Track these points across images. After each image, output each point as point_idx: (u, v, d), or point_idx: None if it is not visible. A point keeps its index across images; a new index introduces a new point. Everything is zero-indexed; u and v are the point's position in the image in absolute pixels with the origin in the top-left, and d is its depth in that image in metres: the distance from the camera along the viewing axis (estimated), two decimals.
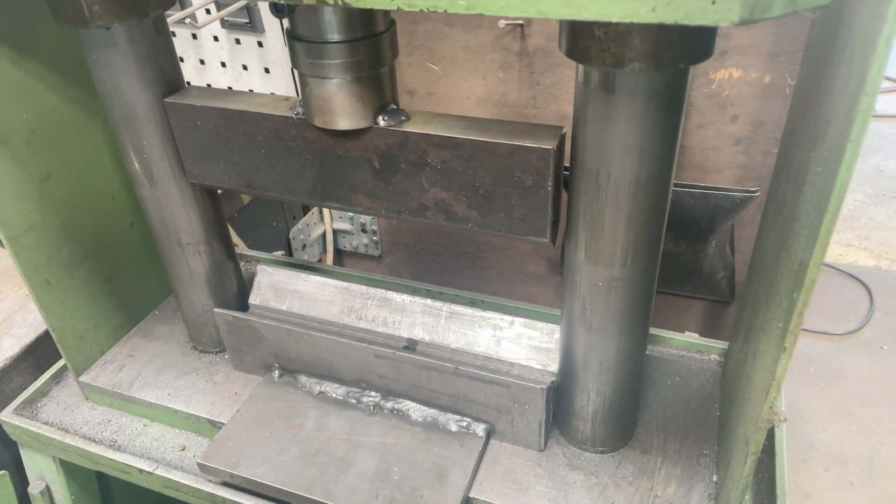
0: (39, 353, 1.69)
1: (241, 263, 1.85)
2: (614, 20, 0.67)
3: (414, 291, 1.58)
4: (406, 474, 1.24)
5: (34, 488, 1.56)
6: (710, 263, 1.88)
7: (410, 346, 1.41)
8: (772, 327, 0.89)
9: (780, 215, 1.00)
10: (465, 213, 1.15)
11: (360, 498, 1.20)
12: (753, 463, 0.92)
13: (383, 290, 1.45)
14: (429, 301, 1.41)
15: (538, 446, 1.29)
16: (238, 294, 1.57)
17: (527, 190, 1.07)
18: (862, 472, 2.53)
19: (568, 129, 1.05)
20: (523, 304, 1.61)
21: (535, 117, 1.91)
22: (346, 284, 1.47)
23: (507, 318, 1.35)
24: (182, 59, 2.15)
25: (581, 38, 0.86)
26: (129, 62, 1.20)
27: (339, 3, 0.78)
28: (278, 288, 1.51)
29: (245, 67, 2.10)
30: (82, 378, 1.52)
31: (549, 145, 1.02)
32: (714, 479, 1.22)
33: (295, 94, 2.03)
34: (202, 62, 2.14)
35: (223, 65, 2.12)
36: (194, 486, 1.30)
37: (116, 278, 1.57)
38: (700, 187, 1.73)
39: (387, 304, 1.44)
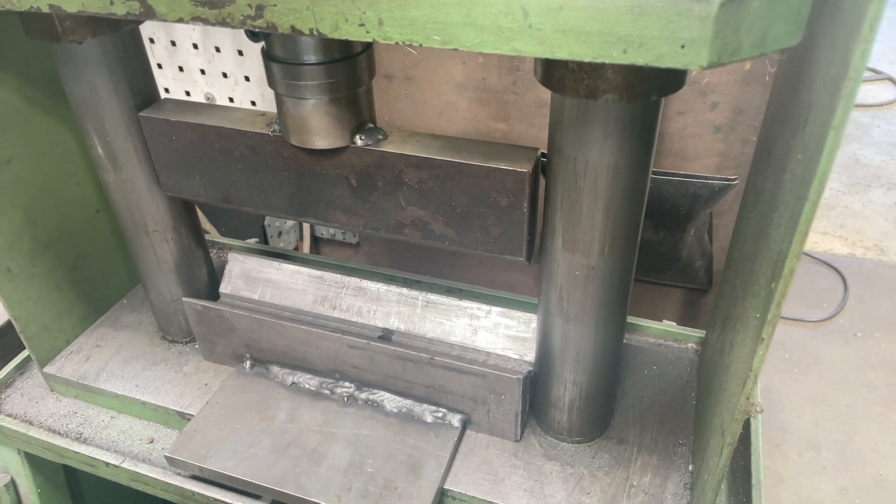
0: (2, 344, 1.64)
1: (213, 251, 1.80)
2: (586, 60, 0.68)
3: (390, 280, 1.55)
4: (380, 466, 1.22)
5: None
6: (688, 252, 1.88)
7: (385, 335, 1.38)
8: (749, 317, 0.87)
9: (759, 204, 0.98)
10: (442, 231, 1.16)
11: (333, 490, 1.18)
12: (730, 454, 0.91)
13: (358, 279, 1.42)
14: (405, 290, 1.38)
15: (514, 437, 1.27)
16: (209, 283, 1.53)
17: (503, 210, 1.08)
18: (835, 457, 2.57)
19: (545, 118, 1.03)
20: (501, 292, 1.59)
21: (515, 103, 1.89)
22: (319, 273, 1.44)
23: (484, 307, 1.33)
24: (153, 41, 2.09)
25: (556, 69, 0.87)
26: (101, 76, 1.18)
27: (315, 33, 0.78)
28: (250, 276, 1.47)
29: (218, 49, 2.04)
30: (47, 369, 1.47)
31: (525, 168, 1.03)
32: (690, 468, 1.21)
33: None
34: (173, 44, 2.08)
35: (195, 46, 2.06)
36: (162, 479, 1.27)
37: (82, 266, 1.52)
38: (679, 175, 1.72)
39: (362, 294, 1.41)
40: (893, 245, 3.56)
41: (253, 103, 2.27)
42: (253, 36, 1.01)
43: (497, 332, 1.31)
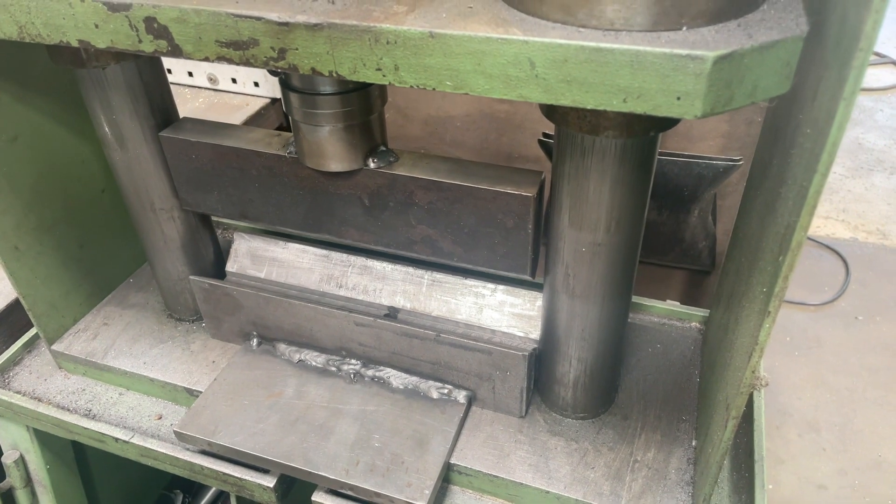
0: (11, 322, 1.65)
1: (218, 231, 1.81)
2: (589, 107, 0.73)
3: (395, 259, 1.55)
4: (387, 441, 1.23)
5: (8, 458, 1.53)
6: (692, 233, 1.89)
7: (391, 313, 1.39)
8: (755, 292, 0.88)
9: (766, 181, 0.99)
10: (450, 248, 1.21)
11: (341, 465, 1.19)
12: (734, 427, 0.92)
13: (364, 258, 1.43)
14: (410, 269, 1.39)
15: (519, 413, 1.28)
16: (215, 261, 1.53)
17: (509, 231, 1.13)
18: (835, 439, 2.59)
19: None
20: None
21: None
22: (325, 252, 1.45)
23: (490, 285, 1.33)
24: None
25: (559, 106, 0.91)
26: (123, 98, 1.22)
27: (335, 75, 0.83)
28: (256, 255, 1.48)
29: None
30: (55, 347, 1.48)
31: (530, 192, 1.08)
32: (693, 444, 1.23)
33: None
34: None
35: None
36: (171, 454, 1.28)
37: (88, 245, 1.53)
38: (683, 156, 1.72)
39: (367, 272, 1.42)
40: (895, 229, 3.56)
41: (256, 84, 2.27)
42: (274, 73, 1.04)
43: (502, 310, 1.32)
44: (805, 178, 0.72)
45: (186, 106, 2.26)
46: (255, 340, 1.43)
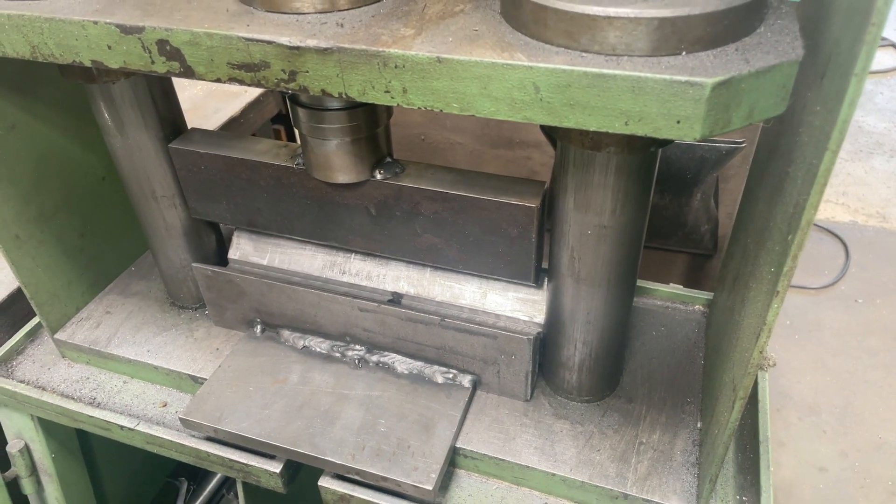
0: (13, 311, 1.64)
1: None
2: (591, 129, 0.75)
3: None
4: (392, 426, 1.23)
5: (13, 447, 1.54)
6: (694, 216, 1.88)
7: (395, 299, 1.39)
8: (763, 273, 0.88)
9: (773, 161, 0.98)
10: (455, 256, 1.23)
11: (347, 450, 1.19)
12: (741, 408, 0.92)
13: None
14: None
15: (524, 396, 1.29)
16: (217, 249, 1.53)
17: (513, 240, 1.16)
18: (835, 421, 2.60)
19: None
20: None
21: None
22: None
23: None
24: None
25: None
26: (132, 111, 1.24)
27: (344, 96, 0.84)
28: (258, 242, 1.47)
29: None
30: (58, 335, 1.48)
31: (534, 203, 1.10)
32: (698, 425, 1.23)
33: None
34: None
35: None
36: (177, 441, 1.28)
37: (90, 233, 1.52)
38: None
39: (371, 258, 1.41)
40: (895, 212, 3.56)
41: None
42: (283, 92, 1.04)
43: (506, 294, 1.32)
44: (815, 156, 0.72)
45: (185, 93, 2.25)
46: (258, 327, 1.43)
